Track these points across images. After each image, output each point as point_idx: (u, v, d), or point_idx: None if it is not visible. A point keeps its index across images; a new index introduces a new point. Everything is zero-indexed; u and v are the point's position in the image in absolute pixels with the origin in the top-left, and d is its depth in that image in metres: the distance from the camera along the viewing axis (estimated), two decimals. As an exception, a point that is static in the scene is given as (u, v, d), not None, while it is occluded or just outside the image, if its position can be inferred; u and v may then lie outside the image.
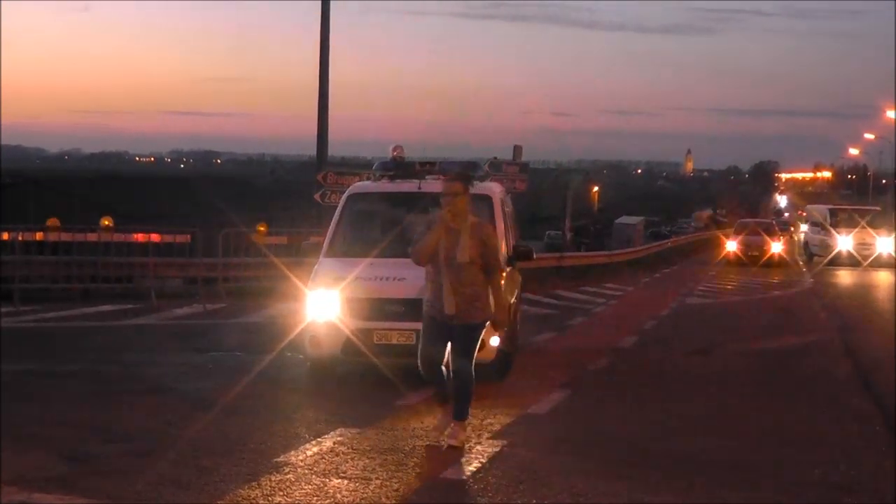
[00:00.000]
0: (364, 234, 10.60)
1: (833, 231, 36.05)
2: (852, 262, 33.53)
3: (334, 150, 26.67)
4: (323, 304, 9.59)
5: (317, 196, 18.66)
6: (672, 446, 7.70)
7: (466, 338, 7.34)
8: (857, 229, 35.20)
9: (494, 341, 8.71)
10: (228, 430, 7.88)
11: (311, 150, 24.04)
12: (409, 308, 9.21)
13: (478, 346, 7.45)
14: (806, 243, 40.81)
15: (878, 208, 39.90)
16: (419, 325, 8.99)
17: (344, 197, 10.96)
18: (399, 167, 10.93)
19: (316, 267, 10.14)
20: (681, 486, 6.60)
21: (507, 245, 10.36)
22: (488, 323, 7.50)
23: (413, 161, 11.10)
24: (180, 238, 19.74)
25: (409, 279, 9.21)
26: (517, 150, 20.74)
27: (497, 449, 7.34)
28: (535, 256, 11.47)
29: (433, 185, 10.26)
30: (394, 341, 9.42)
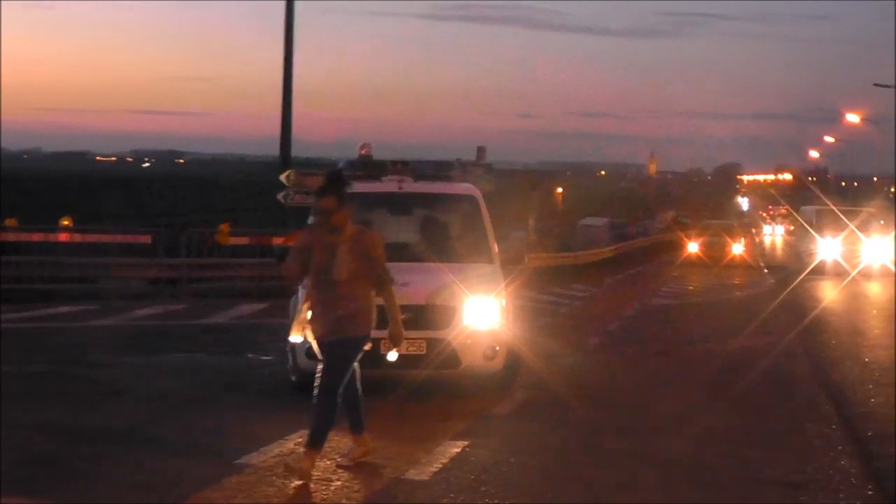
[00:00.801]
0: None
1: (816, 236, 30.89)
2: (839, 271, 28.10)
3: (299, 150, 26.61)
4: None
5: (279, 196, 18.54)
6: (634, 446, 7.74)
7: (335, 354, 6.62)
8: (844, 233, 29.77)
9: (392, 356, 7.21)
10: (190, 432, 7.85)
11: (276, 150, 23.93)
12: (416, 315, 8.61)
13: (350, 368, 6.70)
14: (798, 250, 35.24)
15: (871, 209, 33.65)
16: (430, 334, 8.80)
17: None
18: (367, 166, 10.61)
19: None
20: (643, 487, 6.66)
21: (495, 247, 10.04)
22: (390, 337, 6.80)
23: (384, 160, 10.80)
24: (141, 238, 19.66)
25: (413, 284, 8.68)
26: (481, 150, 20.70)
27: (458, 449, 7.35)
28: (525, 259, 10.77)
29: (414, 185, 10.18)
30: (403, 351, 7.89)
